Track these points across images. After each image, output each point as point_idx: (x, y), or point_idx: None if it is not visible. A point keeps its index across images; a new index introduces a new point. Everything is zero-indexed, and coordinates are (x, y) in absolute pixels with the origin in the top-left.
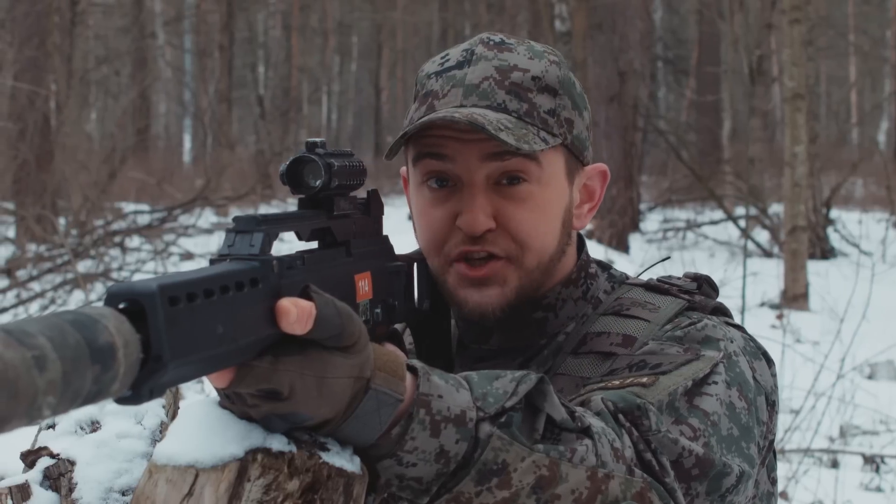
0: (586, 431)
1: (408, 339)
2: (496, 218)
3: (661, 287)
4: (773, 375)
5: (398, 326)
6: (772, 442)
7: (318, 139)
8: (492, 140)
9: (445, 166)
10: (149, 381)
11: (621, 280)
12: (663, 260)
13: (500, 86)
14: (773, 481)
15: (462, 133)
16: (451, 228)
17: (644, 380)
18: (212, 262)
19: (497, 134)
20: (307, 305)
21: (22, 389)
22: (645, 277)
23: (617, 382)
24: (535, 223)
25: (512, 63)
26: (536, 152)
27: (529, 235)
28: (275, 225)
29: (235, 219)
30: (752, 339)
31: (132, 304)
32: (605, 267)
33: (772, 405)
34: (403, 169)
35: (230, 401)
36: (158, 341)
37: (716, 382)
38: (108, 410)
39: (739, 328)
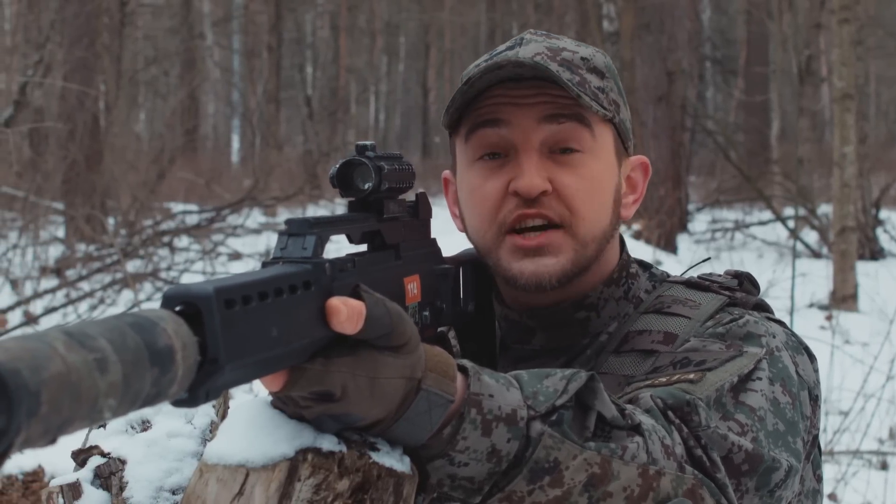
0: (637, 429)
1: (452, 342)
2: (551, 182)
3: (701, 284)
4: (816, 370)
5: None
6: (816, 437)
7: (368, 142)
8: (549, 103)
9: (501, 132)
10: (205, 383)
11: (662, 278)
12: (705, 260)
13: (552, 59)
14: (819, 478)
15: (518, 98)
16: (505, 196)
17: (691, 376)
18: (264, 264)
19: (560, 75)
20: (357, 304)
21: (84, 392)
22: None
23: (664, 379)
24: (588, 192)
25: (561, 45)
26: (589, 120)
27: (583, 203)
28: (327, 228)
29: (288, 222)
30: (793, 334)
31: (188, 306)
32: (646, 266)
33: (815, 400)
34: (447, 172)
35: (283, 403)
36: (215, 344)
37: (760, 378)
38: (159, 410)
39: (781, 323)
